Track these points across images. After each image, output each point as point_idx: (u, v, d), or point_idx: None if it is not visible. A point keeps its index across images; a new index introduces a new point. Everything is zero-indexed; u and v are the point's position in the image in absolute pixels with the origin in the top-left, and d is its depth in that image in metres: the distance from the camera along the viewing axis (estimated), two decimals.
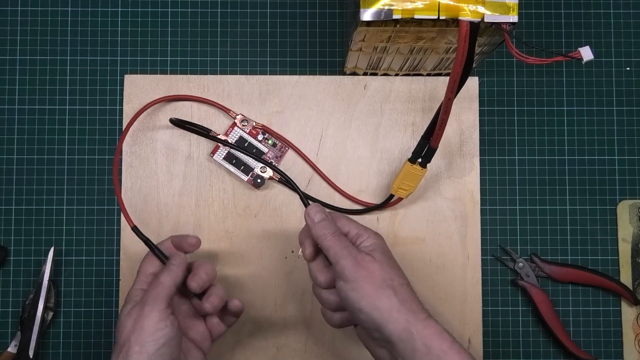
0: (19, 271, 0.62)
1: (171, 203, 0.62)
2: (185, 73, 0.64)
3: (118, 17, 0.65)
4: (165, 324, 0.48)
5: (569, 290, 0.64)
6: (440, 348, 0.45)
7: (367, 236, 0.51)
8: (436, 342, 0.45)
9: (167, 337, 0.48)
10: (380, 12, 0.47)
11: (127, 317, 0.49)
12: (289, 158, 0.63)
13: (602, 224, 0.64)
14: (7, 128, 0.63)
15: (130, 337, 0.47)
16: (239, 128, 0.62)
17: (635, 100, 0.65)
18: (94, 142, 0.64)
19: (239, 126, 0.61)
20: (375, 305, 0.46)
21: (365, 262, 0.48)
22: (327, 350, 0.62)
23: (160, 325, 0.48)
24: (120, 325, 0.49)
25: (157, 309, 0.48)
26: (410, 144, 0.63)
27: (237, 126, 0.62)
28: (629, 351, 0.63)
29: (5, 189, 0.63)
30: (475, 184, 0.63)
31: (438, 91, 0.64)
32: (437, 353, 0.45)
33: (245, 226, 0.62)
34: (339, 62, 0.65)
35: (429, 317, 0.47)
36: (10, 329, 0.62)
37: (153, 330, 0.47)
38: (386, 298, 0.46)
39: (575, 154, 0.64)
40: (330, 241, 0.49)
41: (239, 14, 0.65)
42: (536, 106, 0.65)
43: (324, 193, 0.63)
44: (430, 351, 0.45)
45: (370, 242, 0.50)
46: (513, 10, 0.47)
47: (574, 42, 0.65)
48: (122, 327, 0.48)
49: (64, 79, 0.64)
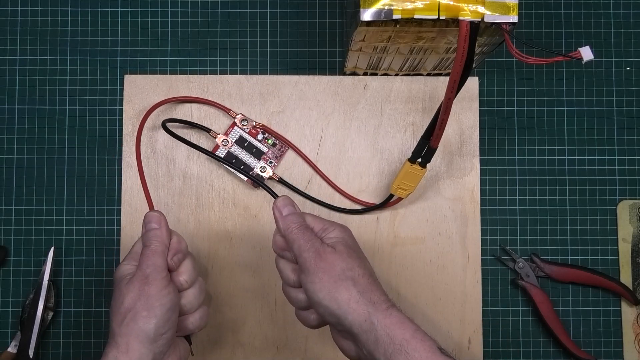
0: (19, 271, 0.62)
1: (171, 203, 0.62)
2: (185, 73, 0.64)
3: (118, 17, 0.65)
4: (168, 290, 0.50)
5: (569, 290, 0.64)
6: (402, 337, 0.44)
7: (332, 229, 0.51)
8: (398, 331, 0.44)
9: (172, 301, 0.49)
10: (380, 12, 0.47)
11: (127, 288, 0.49)
12: (289, 158, 0.63)
13: (602, 224, 0.64)
14: (7, 128, 0.63)
15: (136, 304, 0.48)
16: (239, 128, 0.62)
17: (635, 100, 0.65)
18: (94, 142, 0.64)
19: (238, 126, 0.61)
20: (333, 296, 0.46)
21: (326, 254, 0.48)
22: (327, 350, 0.62)
23: (164, 292, 0.49)
24: (121, 296, 0.49)
25: (159, 277, 0.50)
26: (410, 144, 0.63)
27: (237, 126, 0.62)
28: (629, 351, 0.63)
29: (5, 189, 0.63)
30: (475, 184, 0.63)
31: (438, 91, 0.64)
32: (399, 342, 0.44)
33: (245, 226, 0.62)
34: (339, 62, 0.65)
35: (391, 307, 0.46)
36: (10, 329, 0.62)
37: (159, 296, 0.49)
38: (344, 289, 0.46)
39: (575, 154, 0.64)
40: (295, 234, 0.49)
41: (239, 14, 0.65)
42: (536, 106, 0.65)
43: (324, 193, 0.63)
44: (392, 340, 0.44)
45: (334, 235, 0.50)
46: (513, 10, 0.47)
47: (574, 42, 0.65)
48: (123, 297, 0.49)
49: (64, 79, 0.64)
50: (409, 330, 0.45)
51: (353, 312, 0.45)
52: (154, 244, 0.52)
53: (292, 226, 0.50)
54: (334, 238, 0.50)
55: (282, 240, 0.52)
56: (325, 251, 0.48)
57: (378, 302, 0.46)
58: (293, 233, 0.50)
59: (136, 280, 0.50)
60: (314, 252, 0.48)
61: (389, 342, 0.44)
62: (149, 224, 0.53)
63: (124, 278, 0.51)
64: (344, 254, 0.48)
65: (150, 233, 0.52)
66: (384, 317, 0.45)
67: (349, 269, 0.47)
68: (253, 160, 0.62)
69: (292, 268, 0.51)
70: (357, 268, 0.47)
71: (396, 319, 0.45)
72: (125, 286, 0.50)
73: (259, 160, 0.62)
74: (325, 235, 0.50)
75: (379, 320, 0.45)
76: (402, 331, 0.44)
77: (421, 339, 0.44)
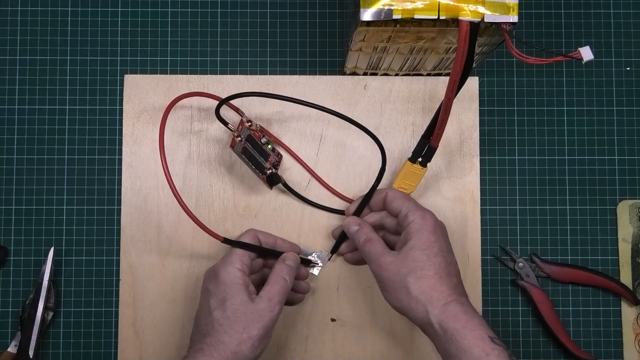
0: (19, 271, 0.62)
1: (171, 203, 0.62)
2: (185, 73, 0.64)
3: (118, 17, 0.65)
4: (276, 311, 0.54)
5: (569, 290, 0.64)
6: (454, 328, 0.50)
7: (412, 219, 0.55)
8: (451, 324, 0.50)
9: (272, 320, 0.54)
10: (380, 12, 0.47)
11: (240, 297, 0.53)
12: (289, 159, 0.63)
13: (602, 224, 0.64)
14: (7, 128, 0.63)
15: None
16: (246, 127, 0.60)
17: (635, 100, 0.65)
18: (94, 142, 0.64)
19: (245, 125, 0.60)
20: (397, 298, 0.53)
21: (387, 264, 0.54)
22: (327, 350, 0.62)
23: (273, 311, 0.54)
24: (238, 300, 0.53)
25: (276, 300, 0.54)
26: (410, 144, 0.63)
27: (245, 125, 0.60)
28: (629, 351, 0.63)
29: (5, 189, 0.63)
30: (475, 184, 0.63)
31: (438, 91, 0.64)
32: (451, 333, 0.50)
33: (245, 226, 0.62)
34: (339, 62, 0.65)
35: (450, 302, 0.51)
36: (10, 329, 0.62)
37: (266, 314, 0.53)
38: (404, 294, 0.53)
39: (575, 154, 0.64)
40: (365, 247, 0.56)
41: (239, 14, 0.65)
42: (536, 106, 0.65)
43: (324, 193, 0.63)
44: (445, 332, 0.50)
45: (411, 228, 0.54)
46: (513, 10, 0.47)
47: (574, 42, 0.65)
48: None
49: (64, 79, 0.64)
50: (460, 321, 0.49)
51: (413, 311, 0.52)
52: (288, 276, 0.56)
53: (362, 239, 0.56)
54: (408, 235, 0.54)
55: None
56: (387, 262, 0.53)
57: (438, 299, 0.51)
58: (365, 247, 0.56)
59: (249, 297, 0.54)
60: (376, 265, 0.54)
61: (442, 334, 0.50)
62: (293, 261, 0.58)
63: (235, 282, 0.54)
64: (407, 258, 0.53)
65: (292, 270, 0.57)
66: (440, 312, 0.50)
67: (409, 272, 0.52)
68: (262, 160, 0.60)
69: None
70: (419, 271, 0.52)
71: (451, 313, 0.50)
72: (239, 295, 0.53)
73: (266, 161, 0.60)
74: (404, 226, 0.55)
75: (434, 316, 0.50)
76: (454, 323, 0.49)
77: (472, 329, 0.49)
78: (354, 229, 0.57)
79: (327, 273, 0.63)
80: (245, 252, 0.56)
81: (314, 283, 0.62)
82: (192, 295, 0.62)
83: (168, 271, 0.62)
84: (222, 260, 0.56)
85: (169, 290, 0.62)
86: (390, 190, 0.58)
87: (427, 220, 0.54)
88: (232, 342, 0.51)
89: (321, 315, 0.62)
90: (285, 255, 0.58)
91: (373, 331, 0.62)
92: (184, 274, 0.62)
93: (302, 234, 0.63)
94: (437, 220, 0.55)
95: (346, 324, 0.62)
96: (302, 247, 0.62)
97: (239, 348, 0.51)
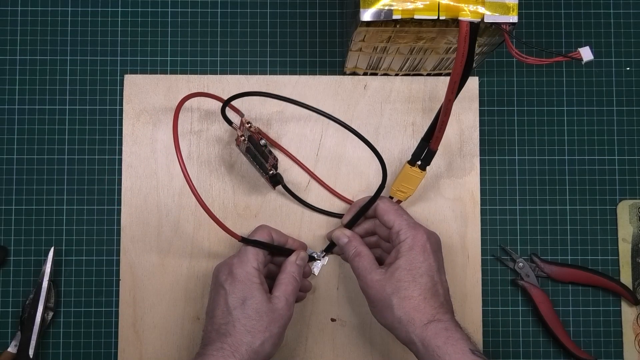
0: (19, 271, 0.62)
1: (171, 203, 0.62)
2: (185, 73, 0.64)
3: (118, 17, 0.65)
4: (291, 310, 0.56)
5: (569, 290, 0.64)
6: (435, 345, 0.51)
7: (403, 239, 0.55)
8: (432, 341, 0.51)
9: (289, 318, 0.55)
10: (380, 12, 0.47)
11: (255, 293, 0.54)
12: (288, 159, 0.63)
13: (602, 224, 0.64)
14: (7, 128, 0.63)
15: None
16: (246, 128, 0.60)
17: (635, 100, 0.65)
18: (94, 142, 0.64)
19: (245, 126, 0.60)
20: (382, 317, 0.55)
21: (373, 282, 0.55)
22: (327, 350, 0.62)
23: (289, 311, 0.55)
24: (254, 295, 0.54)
25: (291, 300, 0.55)
26: (410, 144, 0.63)
27: (245, 126, 0.60)
28: (629, 351, 0.63)
29: (5, 189, 0.63)
30: (475, 184, 0.63)
31: (438, 91, 0.64)
32: (432, 349, 0.51)
33: (245, 226, 0.62)
34: (339, 62, 0.65)
35: (431, 322, 0.51)
36: (10, 329, 0.62)
37: (284, 313, 0.54)
38: (389, 314, 0.54)
39: (575, 154, 0.64)
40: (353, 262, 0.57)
41: (239, 14, 0.65)
42: (536, 106, 0.65)
43: (324, 193, 0.63)
44: (427, 350, 0.51)
45: (402, 247, 0.55)
46: (513, 11, 0.47)
47: (574, 42, 0.65)
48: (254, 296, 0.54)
49: (64, 79, 0.64)
50: (441, 338, 0.50)
51: (395, 330, 0.53)
52: (299, 279, 0.57)
53: (351, 252, 0.57)
54: (398, 253, 0.54)
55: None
56: (373, 280, 0.54)
57: (420, 320, 0.52)
58: (353, 262, 0.56)
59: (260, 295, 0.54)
60: (363, 282, 0.55)
61: (424, 352, 0.51)
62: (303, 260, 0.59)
63: (251, 278, 0.54)
64: (393, 278, 0.53)
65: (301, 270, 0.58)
66: (421, 332, 0.51)
67: (394, 293, 0.53)
68: (263, 160, 0.60)
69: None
70: (403, 291, 0.53)
71: (432, 331, 0.51)
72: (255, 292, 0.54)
73: (266, 162, 0.60)
74: (395, 244, 0.55)
75: (416, 335, 0.51)
76: (435, 340, 0.50)
77: (453, 344, 0.50)
78: (344, 241, 0.58)
79: (327, 273, 0.63)
80: (259, 250, 0.56)
81: (314, 283, 0.62)
82: (192, 295, 0.62)
83: (168, 271, 0.62)
84: (237, 258, 0.56)
85: (169, 290, 0.62)
86: (382, 202, 0.57)
87: (417, 241, 0.54)
88: (254, 342, 0.52)
89: (321, 315, 0.62)
90: (296, 254, 0.58)
91: (373, 331, 0.62)
92: (184, 274, 0.62)
93: (301, 234, 0.63)
94: (429, 237, 0.55)
95: (346, 324, 0.62)
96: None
97: (262, 347, 0.52)
